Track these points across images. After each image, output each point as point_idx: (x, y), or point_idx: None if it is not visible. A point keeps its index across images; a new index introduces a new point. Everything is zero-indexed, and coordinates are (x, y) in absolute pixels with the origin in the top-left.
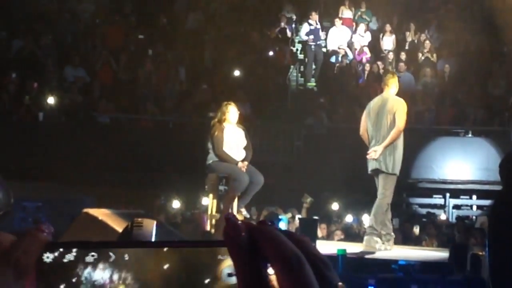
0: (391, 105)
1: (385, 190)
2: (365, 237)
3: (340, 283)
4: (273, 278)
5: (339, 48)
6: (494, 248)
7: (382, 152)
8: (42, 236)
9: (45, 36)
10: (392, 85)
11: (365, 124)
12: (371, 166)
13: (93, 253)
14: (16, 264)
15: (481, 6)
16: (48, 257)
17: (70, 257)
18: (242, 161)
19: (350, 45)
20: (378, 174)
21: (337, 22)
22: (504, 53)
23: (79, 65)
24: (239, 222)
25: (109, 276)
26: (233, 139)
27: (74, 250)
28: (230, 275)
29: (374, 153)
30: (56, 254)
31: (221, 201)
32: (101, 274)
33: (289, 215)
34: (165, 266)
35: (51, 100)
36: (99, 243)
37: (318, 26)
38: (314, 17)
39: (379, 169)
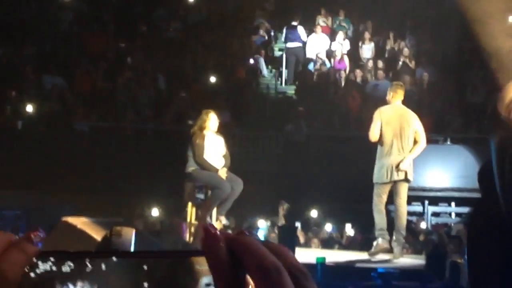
0: (411, 118)
1: (404, 198)
2: (398, 248)
3: None
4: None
5: (317, 57)
6: (473, 256)
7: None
8: (31, 248)
9: (24, 44)
10: (402, 96)
11: (382, 131)
12: (399, 175)
13: (69, 263)
14: (1, 276)
15: (460, 13)
16: (69, 266)
17: (65, 268)
18: (222, 168)
19: (329, 52)
20: (399, 183)
21: (318, 29)
22: (483, 61)
23: (57, 73)
24: (217, 232)
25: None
26: (213, 147)
27: (67, 260)
28: (208, 285)
29: (402, 164)
30: (47, 264)
31: (199, 210)
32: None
33: (269, 223)
34: (142, 277)
35: (29, 108)
36: (89, 253)
37: (299, 29)
38: (296, 20)
39: (407, 178)
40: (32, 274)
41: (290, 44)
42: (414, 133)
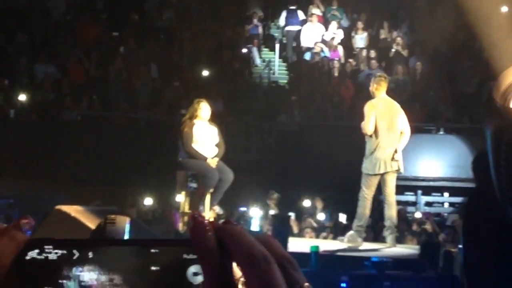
0: (399, 110)
1: (394, 188)
2: (390, 236)
3: (306, 284)
4: (239, 277)
5: (315, 45)
6: (468, 246)
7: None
8: (20, 235)
9: (16, 33)
10: (385, 88)
11: (376, 124)
12: (392, 167)
13: (57, 251)
14: None
15: (453, 3)
16: (30, 255)
17: (52, 255)
18: (214, 157)
19: (323, 42)
20: (389, 174)
21: (314, 18)
22: (476, 50)
23: (49, 62)
24: (206, 221)
25: (87, 275)
26: (203, 136)
27: (57, 247)
28: (195, 274)
29: (397, 155)
30: (37, 252)
31: (192, 198)
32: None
33: (262, 212)
34: (131, 265)
35: (22, 97)
36: (77, 240)
37: (299, 13)
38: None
39: (398, 169)
40: (21, 262)
41: (289, 28)
42: (402, 124)
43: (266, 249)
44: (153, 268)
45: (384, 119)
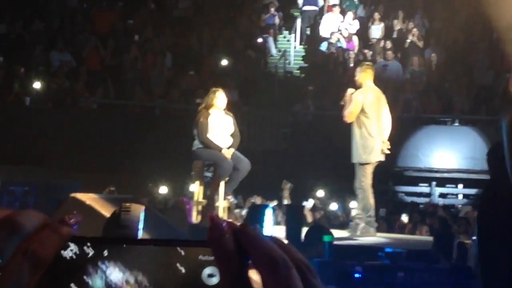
0: (384, 99)
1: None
2: (374, 225)
3: None
4: (256, 280)
5: (332, 35)
6: (483, 238)
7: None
8: (64, 230)
9: (32, 21)
10: (372, 76)
11: (366, 113)
12: (381, 157)
13: (71, 248)
14: (32, 255)
15: None
16: (71, 251)
17: (91, 253)
18: (229, 147)
19: (340, 32)
20: (375, 164)
21: (336, 8)
22: (492, 42)
23: (65, 50)
24: (224, 223)
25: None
26: (219, 125)
27: (94, 245)
28: (210, 276)
29: (388, 146)
30: (78, 249)
31: (207, 188)
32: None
33: (275, 202)
34: (154, 264)
35: (37, 85)
36: (123, 239)
37: None
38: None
39: (382, 161)
40: (64, 256)
41: (306, 7)
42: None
43: (284, 253)
44: (174, 268)
45: (373, 108)
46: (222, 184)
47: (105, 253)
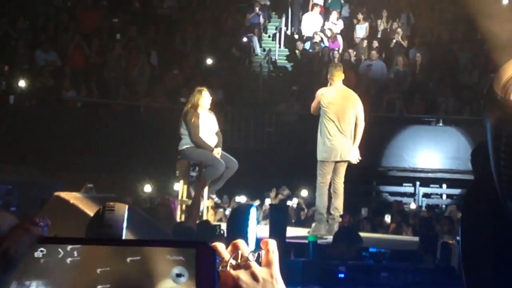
0: (354, 100)
1: (343, 179)
2: (335, 225)
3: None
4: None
5: (315, 35)
6: (466, 238)
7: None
8: (35, 230)
9: (17, 19)
10: (342, 76)
11: (325, 112)
12: (344, 156)
13: (41, 249)
14: (4, 253)
15: None
16: (41, 251)
17: (61, 253)
18: (215, 146)
19: (322, 32)
20: (341, 163)
21: (316, 8)
22: (476, 42)
23: (50, 48)
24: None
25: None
26: (207, 125)
27: (63, 246)
28: (179, 275)
29: (355, 152)
30: (48, 250)
31: (192, 187)
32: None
33: (257, 202)
34: (116, 264)
35: (22, 83)
36: (92, 240)
37: None
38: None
39: (348, 160)
40: (35, 255)
41: None
42: (356, 115)
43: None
44: (142, 267)
45: (333, 108)
46: None
47: (75, 253)
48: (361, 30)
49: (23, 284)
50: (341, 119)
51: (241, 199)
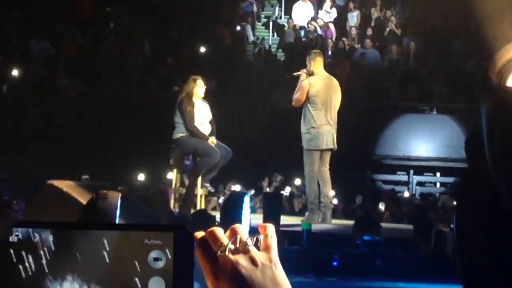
0: (338, 87)
1: (328, 166)
2: (328, 213)
3: None
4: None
5: (309, 24)
6: (461, 226)
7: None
8: (10, 214)
9: (10, 8)
10: (321, 63)
11: (312, 101)
12: (329, 144)
13: (17, 233)
14: None
15: None
16: (16, 236)
17: (36, 237)
18: (209, 135)
19: (315, 21)
20: (326, 152)
21: None
22: (471, 29)
23: (44, 38)
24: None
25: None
26: (201, 113)
27: (39, 230)
28: (156, 259)
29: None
30: (23, 233)
31: (185, 176)
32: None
33: (252, 191)
34: (92, 248)
35: (15, 72)
36: (68, 224)
37: None
38: None
39: (333, 148)
40: (10, 240)
41: None
42: (338, 102)
43: None
44: (119, 252)
45: (319, 97)
46: None
47: (50, 237)
48: (352, 18)
49: None
50: (328, 108)
51: (236, 188)
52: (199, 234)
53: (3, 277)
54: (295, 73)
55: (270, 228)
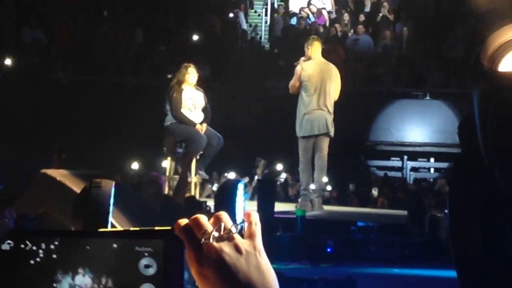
0: (334, 73)
1: (326, 152)
2: (317, 200)
3: None
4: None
5: (302, 11)
6: (455, 211)
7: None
8: (2, 222)
9: None
10: (319, 48)
11: (304, 86)
12: (322, 128)
13: (9, 241)
14: None
15: None
16: (8, 244)
17: (28, 245)
18: (201, 123)
19: (308, 7)
20: (322, 137)
21: None
22: (464, 15)
23: (36, 26)
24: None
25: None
26: (191, 101)
27: (31, 239)
28: (147, 266)
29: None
30: (15, 242)
31: (179, 163)
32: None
33: (247, 179)
34: (88, 253)
35: (8, 61)
36: (65, 232)
37: None
38: None
39: (328, 133)
40: (2, 249)
41: None
42: (335, 88)
43: None
44: (110, 259)
45: (311, 82)
46: (194, 160)
47: (42, 245)
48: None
49: None
50: (322, 93)
51: (231, 175)
52: (183, 221)
53: (13, 272)
54: (296, 62)
55: (254, 215)
